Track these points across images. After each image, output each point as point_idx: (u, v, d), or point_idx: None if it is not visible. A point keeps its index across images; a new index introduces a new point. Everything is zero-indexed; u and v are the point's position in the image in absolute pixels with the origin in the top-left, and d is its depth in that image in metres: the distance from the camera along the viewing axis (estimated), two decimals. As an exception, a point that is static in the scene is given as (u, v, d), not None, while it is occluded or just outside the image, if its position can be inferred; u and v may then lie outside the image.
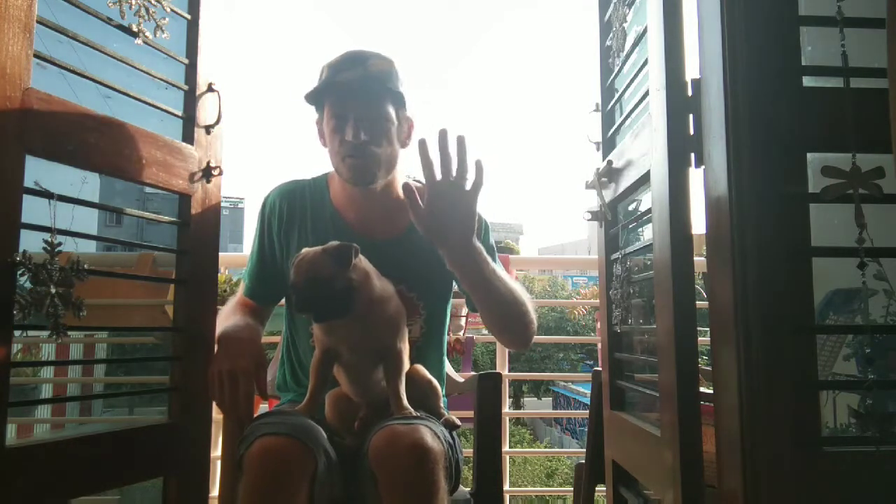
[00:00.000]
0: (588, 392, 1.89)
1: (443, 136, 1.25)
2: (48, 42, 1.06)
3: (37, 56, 1.03)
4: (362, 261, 1.28)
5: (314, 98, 1.49)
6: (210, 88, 1.40)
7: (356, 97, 1.42)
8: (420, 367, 1.44)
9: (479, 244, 1.33)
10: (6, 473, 0.99)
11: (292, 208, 1.56)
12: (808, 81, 1.00)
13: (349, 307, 1.24)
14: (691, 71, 1.14)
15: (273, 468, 1.13)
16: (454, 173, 1.27)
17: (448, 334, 1.86)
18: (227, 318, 1.50)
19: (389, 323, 1.32)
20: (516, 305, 1.42)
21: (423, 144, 1.26)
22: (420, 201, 1.29)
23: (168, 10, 1.27)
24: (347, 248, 1.23)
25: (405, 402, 1.29)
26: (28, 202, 1.00)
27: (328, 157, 1.52)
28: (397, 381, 1.31)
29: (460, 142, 1.26)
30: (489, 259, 1.36)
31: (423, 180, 1.30)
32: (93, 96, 1.15)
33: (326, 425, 1.34)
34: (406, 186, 1.30)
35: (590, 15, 1.73)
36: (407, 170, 1.60)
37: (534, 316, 1.47)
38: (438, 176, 1.27)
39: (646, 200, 1.38)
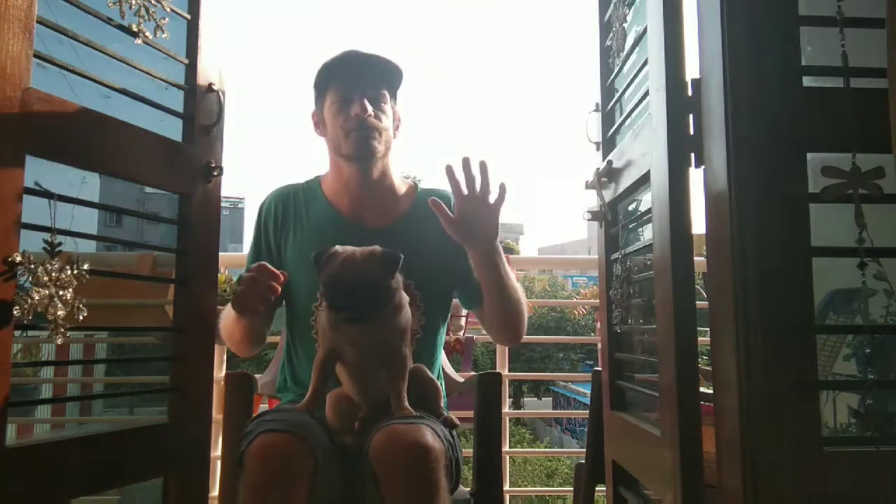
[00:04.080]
0: (588, 392, 1.89)
1: (466, 162, 1.41)
2: (48, 42, 1.05)
3: (37, 56, 1.02)
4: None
5: (321, 81, 1.59)
6: (210, 88, 1.40)
7: (363, 76, 1.55)
8: (422, 367, 1.45)
9: (500, 247, 1.49)
10: (6, 473, 0.99)
11: (287, 209, 1.61)
12: (808, 81, 1.00)
13: (381, 313, 1.29)
14: (691, 71, 1.14)
15: (274, 465, 1.14)
16: (478, 189, 1.41)
17: (448, 334, 1.87)
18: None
19: (399, 329, 1.33)
20: (519, 304, 1.56)
21: (449, 169, 1.41)
22: (448, 212, 1.45)
23: (168, 10, 1.27)
24: (395, 257, 1.27)
25: (406, 402, 1.30)
26: (28, 202, 1.00)
27: (326, 145, 1.60)
28: (399, 382, 1.31)
29: (483, 165, 1.41)
30: (505, 261, 1.52)
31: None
32: (93, 96, 1.15)
33: (326, 425, 1.35)
34: (433, 201, 1.44)
35: (590, 15, 1.73)
36: (403, 169, 1.63)
37: (526, 315, 1.61)
38: (465, 191, 1.42)
39: (646, 200, 1.38)
